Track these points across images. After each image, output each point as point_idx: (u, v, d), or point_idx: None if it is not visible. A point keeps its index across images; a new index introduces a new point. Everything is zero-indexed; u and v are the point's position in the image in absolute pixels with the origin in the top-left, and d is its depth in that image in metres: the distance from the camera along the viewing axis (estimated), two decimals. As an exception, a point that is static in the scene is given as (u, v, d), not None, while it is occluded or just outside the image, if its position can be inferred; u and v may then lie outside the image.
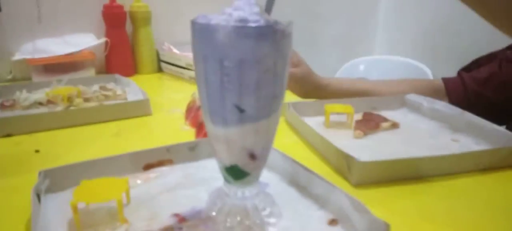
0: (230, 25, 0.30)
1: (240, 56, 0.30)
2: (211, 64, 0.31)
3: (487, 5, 0.36)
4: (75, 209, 0.36)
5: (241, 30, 0.30)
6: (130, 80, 0.82)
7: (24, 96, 0.73)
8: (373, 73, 1.21)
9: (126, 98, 0.77)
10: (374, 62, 1.24)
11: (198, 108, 0.62)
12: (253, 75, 0.31)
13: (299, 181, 0.44)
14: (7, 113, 0.68)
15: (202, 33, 0.31)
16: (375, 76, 1.20)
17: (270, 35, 0.30)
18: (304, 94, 0.70)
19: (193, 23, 0.32)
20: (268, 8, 0.32)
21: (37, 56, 0.88)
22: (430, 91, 0.71)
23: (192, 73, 0.94)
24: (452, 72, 0.82)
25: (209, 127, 0.34)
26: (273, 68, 0.31)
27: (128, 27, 1.00)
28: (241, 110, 0.32)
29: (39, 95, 0.72)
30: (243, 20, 0.30)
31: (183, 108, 0.68)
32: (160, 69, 1.06)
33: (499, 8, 0.35)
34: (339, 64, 1.29)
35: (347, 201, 0.37)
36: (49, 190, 0.42)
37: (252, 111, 0.32)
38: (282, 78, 0.33)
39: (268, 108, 0.33)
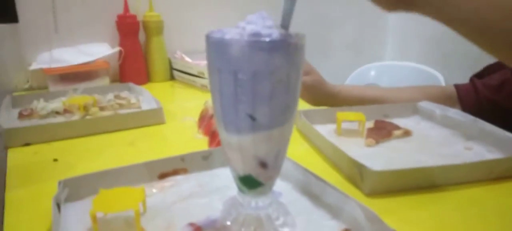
0: (243, 39, 0.30)
1: (254, 69, 0.31)
2: (225, 76, 0.32)
3: (488, 36, 0.34)
4: (94, 218, 0.37)
5: (255, 44, 0.30)
6: (144, 89, 0.83)
7: (42, 105, 0.75)
8: (384, 79, 1.21)
9: (140, 107, 0.78)
10: (385, 68, 1.23)
11: (211, 117, 0.63)
12: (266, 87, 0.31)
13: (312, 190, 0.44)
14: (26, 123, 0.70)
15: (216, 47, 0.32)
16: (386, 82, 1.20)
17: (283, 48, 0.31)
18: (315, 102, 0.70)
19: (208, 37, 0.33)
20: (286, 25, 0.33)
21: (53, 65, 0.90)
22: (442, 98, 0.70)
23: (204, 81, 0.95)
24: (464, 79, 0.81)
25: (223, 134, 0.35)
26: (286, 80, 0.32)
27: (141, 36, 1.02)
28: (254, 119, 0.32)
29: (56, 104, 0.75)
30: (257, 34, 0.31)
31: (195, 116, 0.69)
32: (172, 77, 1.08)
33: (502, 39, 0.33)
34: (350, 70, 1.29)
35: (361, 211, 0.38)
36: (68, 199, 0.43)
37: (265, 120, 0.32)
38: (295, 89, 0.33)
39: (281, 117, 0.33)
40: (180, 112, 0.76)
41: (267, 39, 0.30)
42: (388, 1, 0.33)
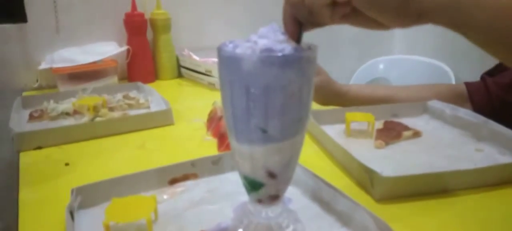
0: (255, 55, 0.30)
1: (266, 83, 0.31)
2: (236, 90, 0.32)
3: (505, 46, 0.32)
4: (107, 228, 0.38)
5: (267, 59, 0.30)
6: (152, 88, 0.83)
7: (52, 106, 0.75)
8: (393, 73, 1.19)
9: (149, 107, 0.79)
10: (394, 62, 1.22)
11: (220, 118, 0.63)
12: (278, 101, 0.31)
13: (322, 196, 0.44)
14: (36, 125, 0.71)
15: (228, 61, 0.32)
16: (395, 76, 1.18)
17: (295, 63, 0.31)
18: (324, 102, 0.70)
19: (219, 51, 0.33)
20: (298, 39, 0.33)
21: (62, 65, 0.91)
22: (453, 97, 0.69)
23: (211, 79, 0.95)
24: (474, 73, 0.80)
25: (233, 143, 0.35)
26: (298, 93, 0.32)
27: (149, 34, 1.02)
28: (265, 132, 0.32)
29: (66, 105, 0.75)
30: (269, 50, 0.31)
31: (204, 117, 0.69)
32: (180, 75, 1.08)
33: None
34: (358, 64, 1.28)
35: (371, 220, 0.38)
36: (81, 206, 0.43)
37: (277, 133, 0.33)
38: (307, 102, 0.33)
39: (292, 130, 0.33)
40: (189, 113, 0.77)
41: (279, 55, 0.30)
42: (396, 19, 0.32)
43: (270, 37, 0.32)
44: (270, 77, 0.30)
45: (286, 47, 0.31)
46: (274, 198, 0.37)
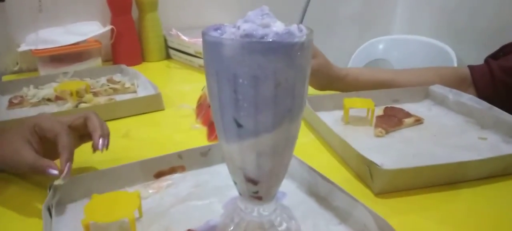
0: (236, 41, 0.27)
1: (246, 72, 0.27)
2: (222, 79, 0.28)
3: None
4: (87, 228, 0.35)
5: (248, 45, 0.26)
6: (137, 71, 0.79)
7: (32, 92, 0.71)
8: (393, 54, 1.15)
9: (135, 92, 0.74)
10: (394, 42, 1.17)
11: (210, 105, 0.60)
12: (266, 92, 0.28)
13: (319, 191, 0.42)
14: (17, 113, 0.66)
15: (208, 46, 0.29)
16: (395, 57, 1.14)
17: (281, 50, 0.27)
18: (321, 87, 0.66)
19: (202, 35, 0.29)
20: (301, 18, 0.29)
21: (42, 46, 0.85)
22: (456, 81, 0.66)
23: (202, 62, 0.90)
24: (477, 54, 0.77)
25: (223, 143, 0.32)
26: (285, 84, 0.28)
27: (134, 13, 0.97)
28: (239, 125, 0.29)
29: (47, 91, 0.71)
30: (249, 35, 0.27)
31: (193, 103, 0.65)
32: (168, 56, 1.03)
33: None
34: (357, 44, 1.23)
35: (371, 217, 0.35)
36: (60, 202, 0.40)
37: (252, 126, 0.29)
38: (299, 94, 0.29)
39: (276, 125, 0.29)
40: (177, 98, 0.73)
41: (258, 40, 0.26)
42: None
43: (256, 21, 0.28)
44: (249, 64, 0.26)
45: (270, 32, 0.27)
46: (262, 199, 0.34)
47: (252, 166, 0.31)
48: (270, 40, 0.26)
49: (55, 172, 0.39)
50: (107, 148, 0.45)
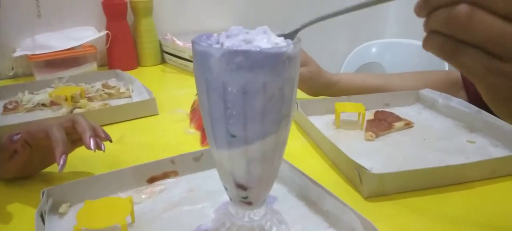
0: (220, 52, 0.27)
1: (240, 83, 0.27)
2: (211, 89, 0.29)
3: None
4: (78, 234, 0.35)
5: (229, 59, 0.26)
6: (132, 76, 0.79)
7: (27, 97, 0.71)
8: (386, 57, 1.16)
9: (130, 96, 0.75)
10: (387, 45, 1.18)
11: (203, 110, 0.60)
12: (255, 103, 0.28)
13: (309, 195, 0.42)
14: (12, 118, 0.67)
15: (197, 56, 0.29)
16: (388, 61, 1.15)
17: (267, 63, 0.27)
18: (313, 93, 0.67)
19: (193, 43, 0.29)
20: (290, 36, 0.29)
21: (38, 52, 0.86)
22: (447, 85, 0.67)
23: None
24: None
25: (213, 149, 0.33)
26: (277, 93, 0.28)
27: (129, 18, 0.97)
28: (233, 136, 0.29)
29: (42, 96, 0.71)
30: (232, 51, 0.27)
31: (187, 108, 0.66)
32: (163, 61, 1.03)
33: None
34: (350, 47, 1.24)
35: (359, 222, 0.36)
36: (53, 208, 0.41)
37: (242, 134, 0.29)
38: (285, 104, 0.30)
39: (261, 136, 0.30)
40: (171, 103, 0.73)
41: (243, 57, 0.26)
42: None
43: (240, 36, 0.28)
44: (238, 79, 0.27)
45: (252, 47, 0.27)
46: (252, 204, 0.34)
47: (242, 172, 0.32)
48: (257, 50, 0.26)
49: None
50: (105, 144, 0.45)
